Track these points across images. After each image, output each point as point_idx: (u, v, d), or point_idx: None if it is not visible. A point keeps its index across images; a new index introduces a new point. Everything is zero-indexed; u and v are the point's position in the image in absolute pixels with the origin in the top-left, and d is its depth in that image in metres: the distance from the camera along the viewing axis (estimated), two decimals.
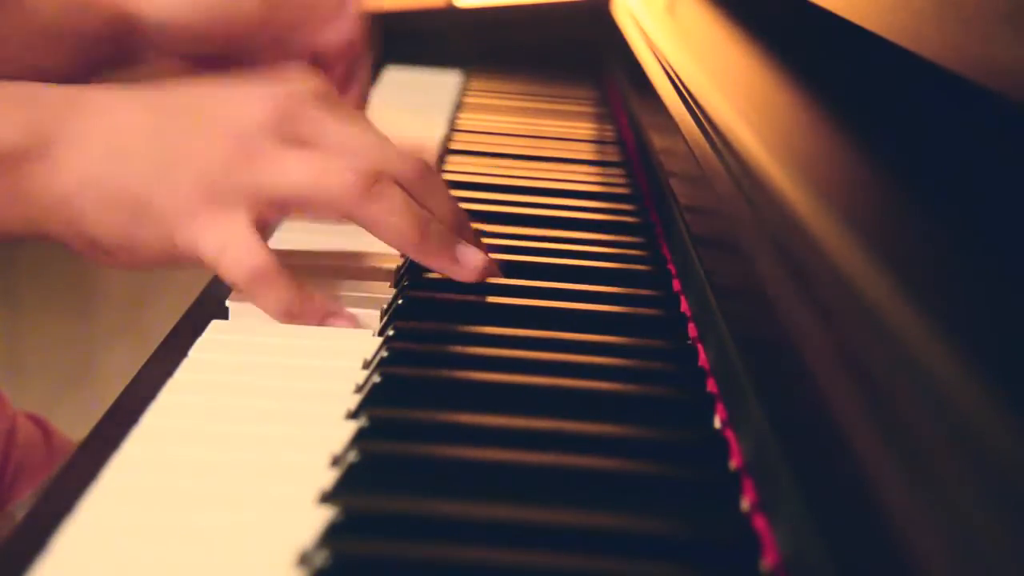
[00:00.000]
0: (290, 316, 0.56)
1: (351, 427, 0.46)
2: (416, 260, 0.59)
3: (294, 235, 0.67)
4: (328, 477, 0.43)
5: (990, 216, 0.42)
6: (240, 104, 0.57)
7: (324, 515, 0.40)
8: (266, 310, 0.56)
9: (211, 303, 0.60)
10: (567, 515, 0.42)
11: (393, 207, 0.56)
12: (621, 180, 0.86)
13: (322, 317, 0.57)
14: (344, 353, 0.54)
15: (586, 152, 0.96)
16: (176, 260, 0.56)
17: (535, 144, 0.96)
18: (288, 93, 0.57)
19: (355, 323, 0.58)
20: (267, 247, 0.56)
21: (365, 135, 0.58)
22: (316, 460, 0.44)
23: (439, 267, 0.59)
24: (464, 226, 0.61)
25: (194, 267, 0.57)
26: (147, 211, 0.55)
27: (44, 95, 0.57)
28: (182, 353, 0.53)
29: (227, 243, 0.55)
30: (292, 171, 0.55)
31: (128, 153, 0.55)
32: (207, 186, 0.55)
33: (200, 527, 0.40)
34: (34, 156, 0.55)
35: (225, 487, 0.42)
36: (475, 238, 0.62)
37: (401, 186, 0.57)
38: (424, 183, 0.58)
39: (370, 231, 0.57)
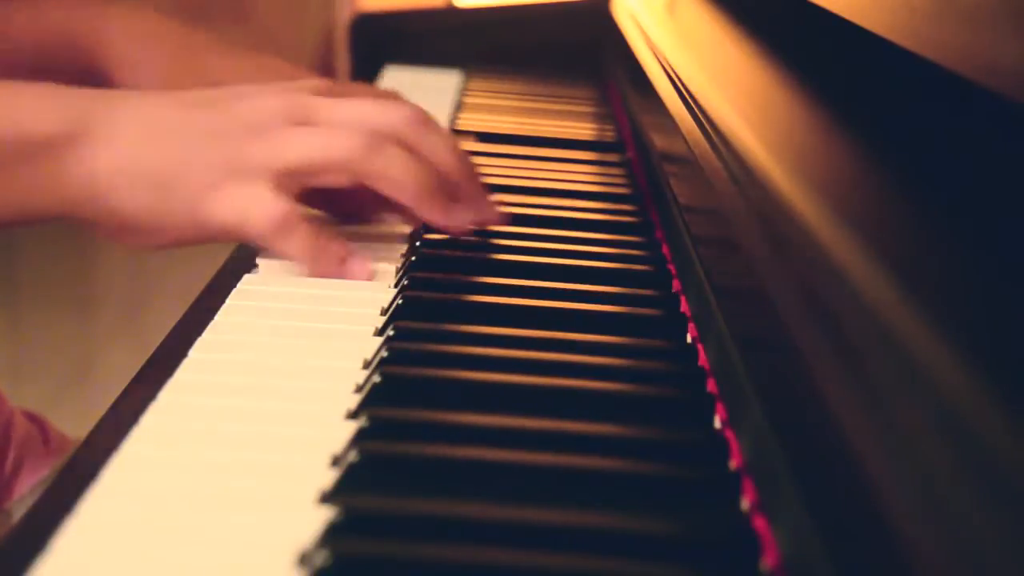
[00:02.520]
0: (313, 260, 0.62)
1: (351, 427, 0.46)
2: (414, 210, 0.64)
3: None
4: (328, 477, 0.43)
5: (990, 216, 0.42)
6: (255, 97, 0.63)
7: (324, 515, 0.40)
8: (291, 255, 0.61)
9: (211, 304, 0.60)
10: (567, 515, 0.42)
11: (392, 161, 0.62)
12: (621, 180, 0.86)
13: (340, 261, 0.63)
14: (344, 353, 0.54)
15: (586, 152, 0.96)
16: (201, 234, 0.62)
17: (535, 144, 0.96)
18: (297, 88, 0.65)
19: (370, 275, 0.63)
20: (289, 199, 0.61)
21: (363, 105, 0.64)
22: (316, 460, 0.44)
23: (432, 219, 0.65)
24: (468, 175, 0.66)
25: (218, 243, 0.63)
26: (174, 188, 0.60)
27: (77, 92, 0.62)
28: (182, 353, 0.53)
29: (251, 202, 0.60)
30: (301, 142, 0.62)
31: (158, 139, 0.61)
32: (228, 163, 0.61)
33: (200, 527, 0.40)
34: (73, 143, 0.60)
35: (225, 487, 0.42)
36: (478, 188, 0.67)
37: (403, 144, 0.63)
38: (422, 138, 0.64)
39: (374, 186, 0.63)
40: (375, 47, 1.27)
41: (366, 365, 0.53)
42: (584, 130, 1.03)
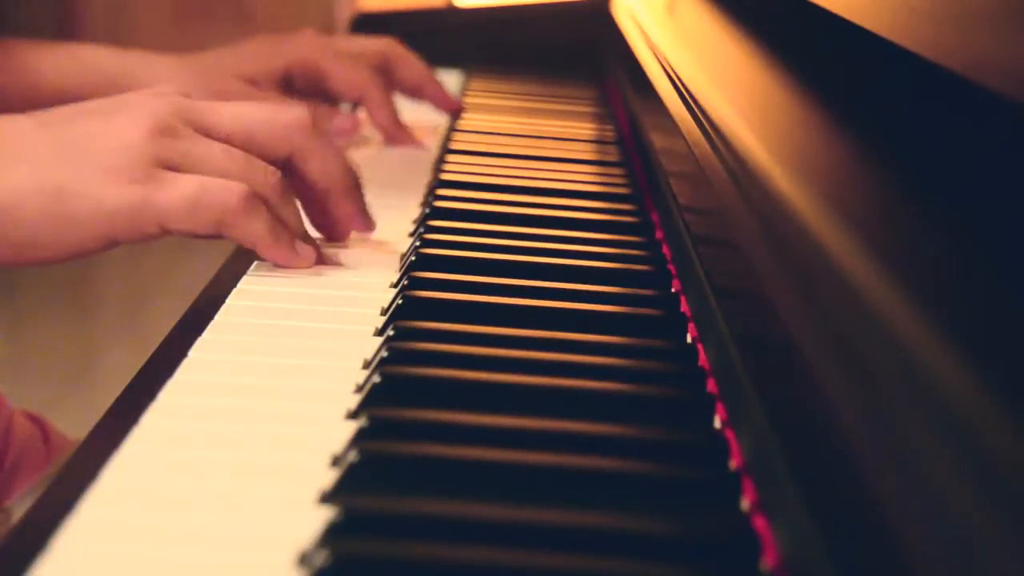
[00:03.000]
0: (274, 237, 0.61)
1: (351, 427, 0.46)
2: (339, 201, 0.65)
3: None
4: (328, 477, 0.43)
5: (990, 216, 0.42)
6: (135, 102, 0.61)
7: (324, 515, 0.40)
8: (253, 236, 0.60)
9: (211, 304, 0.60)
10: (567, 515, 0.42)
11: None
12: (621, 180, 0.86)
13: (293, 240, 0.62)
14: (344, 353, 0.54)
15: (586, 152, 0.96)
16: (111, 234, 0.58)
17: (535, 144, 0.96)
18: (156, 110, 0.61)
19: (319, 258, 0.63)
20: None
21: (230, 152, 0.61)
22: (316, 460, 0.44)
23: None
24: (346, 189, 0.66)
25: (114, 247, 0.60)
26: (69, 194, 0.57)
27: None
28: (182, 353, 0.53)
29: (203, 185, 0.59)
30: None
31: (37, 157, 0.58)
32: (136, 156, 0.58)
33: (200, 527, 0.40)
34: None
35: (225, 487, 0.42)
36: (356, 203, 0.67)
37: (263, 197, 0.61)
38: (283, 195, 0.62)
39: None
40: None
41: (366, 365, 0.53)
42: (584, 130, 1.03)
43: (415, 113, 1.00)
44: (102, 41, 1.00)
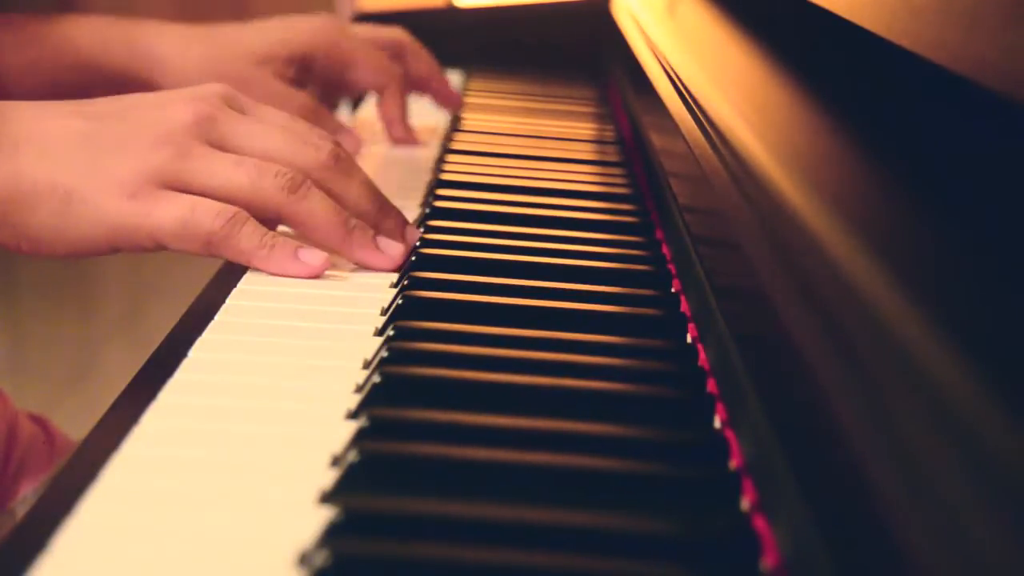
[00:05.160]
0: (268, 254, 0.61)
1: (351, 427, 0.46)
2: (341, 253, 0.64)
3: None
4: (328, 477, 0.43)
5: (990, 216, 0.42)
6: (163, 107, 0.62)
7: (324, 515, 0.40)
8: (242, 252, 0.61)
9: (211, 304, 0.60)
10: (567, 515, 0.42)
11: (315, 208, 0.62)
12: (621, 180, 0.86)
13: (293, 254, 0.62)
14: (344, 353, 0.54)
15: (586, 152, 0.96)
16: (112, 243, 0.60)
17: (535, 144, 0.96)
18: (202, 97, 0.63)
19: (326, 264, 0.63)
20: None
21: (280, 135, 0.63)
22: (316, 460, 0.44)
23: (363, 259, 0.64)
24: (384, 209, 0.66)
25: (122, 252, 0.62)
26: (81, 201, 0.59)
27: None
28: (182, 353, 0.53)
29: (194, 205, 0.60)
30: (225, 170, 0.61)
31: (58, 153, 0.60)
32: (140, 174, 0.60)
33: (200, 527, 0.40)
34: None
35: (225, 487, 0.42)
36: (397, 220, 0.67)
37: (319, 184, 0.63)
38: (338, 179, 0.64)
39: (296, 228, 0.63)
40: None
41: (366, 365, 0.53)
42: (584, 130, 1.03)
43: (414, 113, 1.00)
44: None
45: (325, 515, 0.40)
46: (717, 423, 0.49)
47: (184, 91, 0.64)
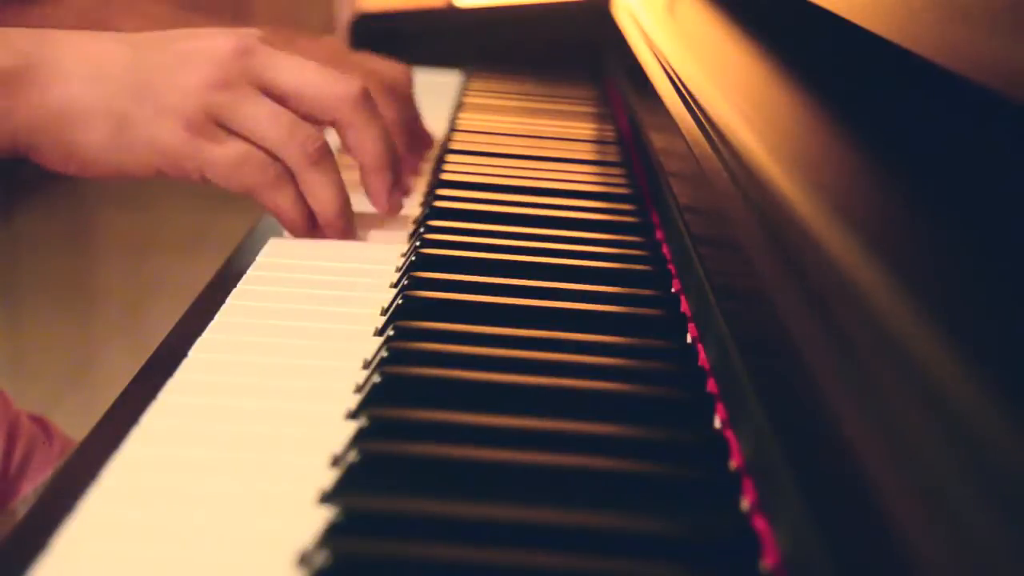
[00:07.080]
0: (296, 212, 0.66)
1: (351, 427, 0.47)
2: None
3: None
4: (328, 477, 0.43)
5: (990, 216, 0.42)
6: (203, 39, 0.65)
7: (324, 515, 0.40)
8: (277, 208, 0.65)
9: (211, 304, 0.60)
10: (567, 515, 0.42)
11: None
12: (621, 180, 0.86)
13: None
14: (344, 353, 0.54)
15: (586, 152, 0.96)
16: (161, 169, 0.64)
17: (535, 144, 0.96)
18: (243, 33, 0.66)
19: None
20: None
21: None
22: (316, 460, 0.44)
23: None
24: (379, 171, 0.70)
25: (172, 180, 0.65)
26: (131, 122, 0.62)
27: (19, 31, 0.64)
28: (182, 353, 0.53)
29: (248, 154, 0.63)
30: (261, 123, 0.64)
31: (108, 77, 0.63)
32: (194, 104, 0.63)
33: (200, 527, 0.40)
34: (21, 78, 0.62)
35: (225, 487, 0.42)
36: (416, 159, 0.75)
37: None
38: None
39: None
40: (375, 47, 1.27)
41: (366, 365, 0.53)
42: (584, 130, 1.03)
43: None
44: None
45: (325, 515, 0.40)
46: (717, 423, 0.49)
47: (220, 29, 0.67)
